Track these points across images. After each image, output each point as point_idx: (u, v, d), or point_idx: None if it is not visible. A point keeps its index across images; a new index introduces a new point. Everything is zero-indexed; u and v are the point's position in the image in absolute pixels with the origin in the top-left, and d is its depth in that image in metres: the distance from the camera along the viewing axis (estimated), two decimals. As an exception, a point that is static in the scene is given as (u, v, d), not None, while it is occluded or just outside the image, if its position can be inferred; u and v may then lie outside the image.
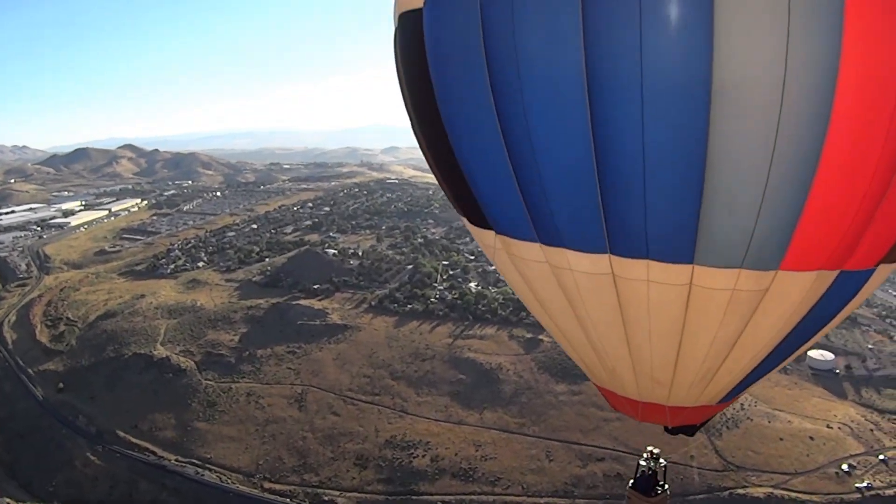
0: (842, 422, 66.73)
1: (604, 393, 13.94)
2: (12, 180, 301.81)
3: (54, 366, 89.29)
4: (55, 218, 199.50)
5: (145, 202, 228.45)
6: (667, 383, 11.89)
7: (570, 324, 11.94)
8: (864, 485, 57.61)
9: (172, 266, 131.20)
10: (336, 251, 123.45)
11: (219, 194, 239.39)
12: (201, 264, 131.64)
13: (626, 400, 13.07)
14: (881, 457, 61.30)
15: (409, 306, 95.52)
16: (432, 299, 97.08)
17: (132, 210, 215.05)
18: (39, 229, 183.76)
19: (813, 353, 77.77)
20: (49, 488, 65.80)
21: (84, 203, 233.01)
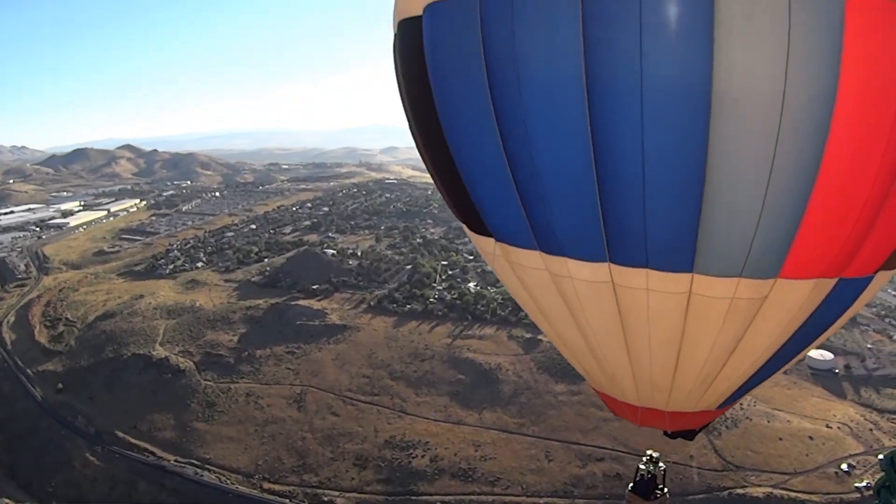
0: (841, 421, 66.84)
1: (603, 398, 13.95)
2: (11, 181, 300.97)
3: (53, 366, 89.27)
4: (54, 218, 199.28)
5: (144, 202, 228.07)
6: (666, 389, 11.90)
7: (569, 331, 11.93)
8: (864, 484, 57.60)
9: (171, 266, 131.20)
10: (335, 251, 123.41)
11: (217, 195, 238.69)
12: (200, 265, 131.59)
13: (626, 405, 13.07)
14: (880, 456, 61.22)
15: (408, 306, 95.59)
16: (431, 299, 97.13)
17: (131, 210, 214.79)
18: (38, 230, 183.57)
19: (812, 352, 77.63)
20: (48, 489, 65.83)
21: (83, 203, 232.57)
